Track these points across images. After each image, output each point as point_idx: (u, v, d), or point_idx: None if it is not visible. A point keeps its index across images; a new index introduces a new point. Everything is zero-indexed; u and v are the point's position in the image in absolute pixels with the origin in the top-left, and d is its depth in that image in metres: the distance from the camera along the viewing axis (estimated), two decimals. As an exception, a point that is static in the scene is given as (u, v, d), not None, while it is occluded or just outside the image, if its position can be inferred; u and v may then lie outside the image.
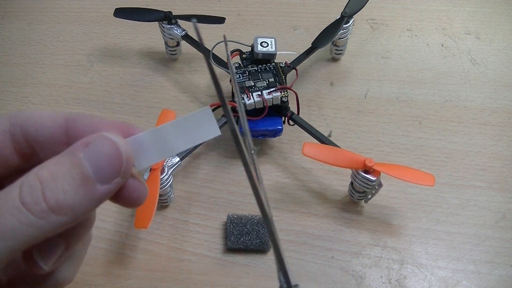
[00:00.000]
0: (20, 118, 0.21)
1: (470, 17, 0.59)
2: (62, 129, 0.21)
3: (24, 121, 0.21)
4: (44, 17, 0.61)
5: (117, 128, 0.21)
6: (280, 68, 0.46)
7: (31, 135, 0.21)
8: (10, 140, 0.21)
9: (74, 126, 0.20)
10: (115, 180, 0.19)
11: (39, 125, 0.21)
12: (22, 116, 0.21)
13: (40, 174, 0.18)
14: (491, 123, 0.49)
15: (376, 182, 0.39)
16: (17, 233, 0.17)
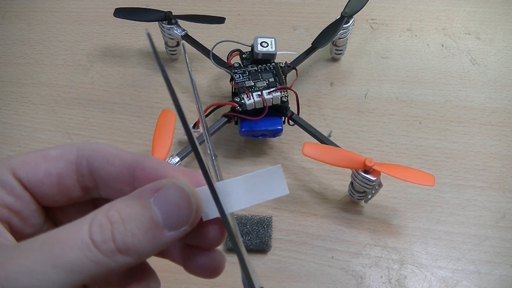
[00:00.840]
0: (88, 151, 0.21)
1: (470, 17, 0.59)
2: (129, 170, 0.21)
3: (91, 155, 0.21)
4: (44, 17, 0.61)
5: (184, 175, 0.21)
6: (280, 68, 0.46)
7: (97, 170, 0.21)
8: (75, 171, 0.21)
9: (141, 169, 0.21)
10: (183, 228, 0.20)
11: (106, 162, 0.21)
12: (89, 149, 0.21)
13: (110, 214, 0.19)
14: (491, 123, 0.49)
15: (376, 182, 0.39)
16: (83, 268, 0.18)
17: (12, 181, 0.20)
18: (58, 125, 0.50)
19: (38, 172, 0.21)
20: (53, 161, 0.21)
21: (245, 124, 0.44)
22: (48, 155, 0.21)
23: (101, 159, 0.21)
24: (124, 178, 0.21)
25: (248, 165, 0.46)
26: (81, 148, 0.21)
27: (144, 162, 0.21)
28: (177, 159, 0.41)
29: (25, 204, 0.21)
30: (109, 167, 0.21)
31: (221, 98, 0.52)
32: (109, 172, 0.21)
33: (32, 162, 0.21)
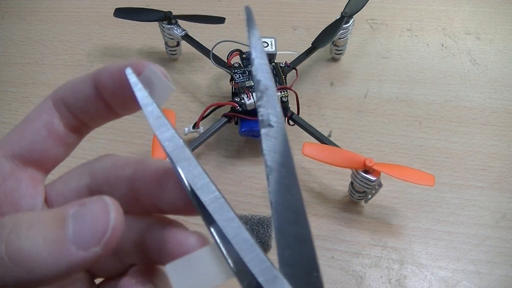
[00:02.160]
0: (59, 93, 0.21)
1: (470, 17, 0.59)
2: (93, 88, 0.21)
3: (63, 94, 0.21)
4: (44, 17, 0.61)
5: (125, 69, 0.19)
6: (280, 68, 0.46)
7: (72, 104, 0.21)
8: (58, 117, 0.21)
9: (99, 80, 0.20)
10: (93, 249, 0.16)
11: (75, 92, 0.21)
12: (59, 90, 0.21)
13: (19, 215, 0.16)
14: (491, 123, 0.49)
15: (376, 182, 0.39)
16: None
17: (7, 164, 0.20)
18: (58, 125, 0.50)
19: (27, 134, 0.20)
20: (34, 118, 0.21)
21: (245, 124, 0.44)
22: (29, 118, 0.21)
23: (71, 93, 0.21)
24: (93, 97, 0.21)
25: (248, 165, 0.46)
26: (53, 95, 0.21)
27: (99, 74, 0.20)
28: (177, 159, 0.41)
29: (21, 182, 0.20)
30: (78, 94, 0.21)
31: (221, 98, 0.52)
32: (81, 99, 0.21)
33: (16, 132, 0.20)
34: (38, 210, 0.19)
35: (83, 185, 0.21)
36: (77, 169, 0.22)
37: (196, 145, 0.43)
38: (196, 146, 0.43)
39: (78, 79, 0.21)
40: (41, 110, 0.21)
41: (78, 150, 0.51)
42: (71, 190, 0.21)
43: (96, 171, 0.21)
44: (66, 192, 0.21)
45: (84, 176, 0.21)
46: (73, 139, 0.22)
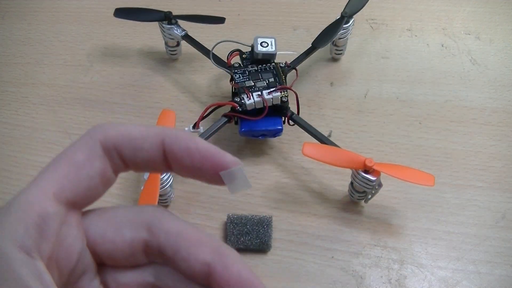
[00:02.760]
0: (112, 140, 0.20)
1: (470, 17, 0.59)
2: (159, 152, 0.20)
3: (117, 144, 0.20)
4: (44, 17, 0.61)
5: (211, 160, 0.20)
6: (280, 68, 0.46)
7: (128, 157, 0.21)
8: (109, 163, 0.21)
9: (171, 151, 0.20)
10: None
11: (134, 148, 0.20)
12: (112, 137, 0.20)
13: None
14: (491, 123, 0.49)
15: (376, 182, 0.39)
16: None
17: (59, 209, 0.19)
18: (58, 125, 0.50)
19: (81, 182, 0.20)
20: (88, 165, 0.20)
21: (245, 124, 0.44)
22: (79, 162, 0.20)
23: (129, 147, 0.20)
24: (156, 159, 0.20)
25: (248, 165, 0.46)
26: (104, 141, 0.20)
27: (173, 144, 0.20)
28: (177, 159, 0.41)
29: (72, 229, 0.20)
30: (139, 152, 0.20)
31: (221, 98, 0.52)
32: (141, 157, 0.20)
33: (71, 176, 0.20)
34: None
35: (140, 240, 0.20)
36: (129, 214, 0.21)
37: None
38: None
39: (142, 135, 0.20)
40: (91, 156, 0.20)
41: (78, 150, 0.50)
42: (125, 241, 0.20)
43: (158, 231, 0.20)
44: (118, 241, 0.20)
45: (141, 229, 0.20)
46: (115, 180, 0.22)
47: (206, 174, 0.20)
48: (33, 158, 0.48)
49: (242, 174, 0.20)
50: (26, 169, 0.47)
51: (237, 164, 0.20)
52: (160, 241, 0.20)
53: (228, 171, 0.20)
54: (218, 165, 0.20)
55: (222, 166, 0.20)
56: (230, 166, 0.20)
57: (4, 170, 0.47)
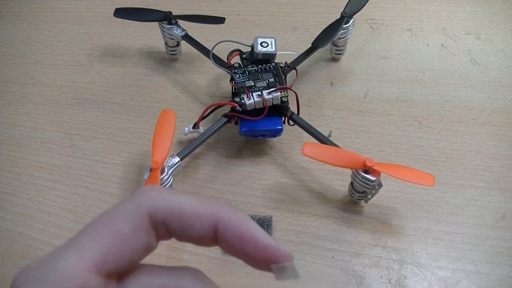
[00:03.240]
0: (161, 214, 0.20)
1: (470, 17, 0.59)
2: (211, 232, 0.20)
3: (167, 219, 0.20)
4: (44, 17, 0.61)
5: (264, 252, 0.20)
6: (280, 68, 0.46)
7: (177, 232, 0.20)
8: (154, 235, 0.20)
9: (223, 235, 0.20)
10: None
11: (185, 226, 0.20)
12: (162, 211, 0.20)
13: None
14: (491, 123, 0.49)
15: (376, 182, 0.39)
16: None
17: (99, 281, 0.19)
18: (58, 125, 0.50)
19: (125, 255, 0.19)
20: (134, 238, 0.19)
21: (245, 124, 0.44)
22: (125, 235, 0.19)
23: (179, 224, 0.20)
24: (206, 238, 0.20)
25: (248, 165, 0.46)
26: (153, 214, 0.20)
27: (226, 229, 0.20)
28: (177, 159, 0.41)
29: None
30: (190, 230, 0.20)
31: (221, 98, 0.52)
32: (190, 234, 0.20)
33: (115, 249, 0.19)
34: None
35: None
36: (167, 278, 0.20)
37: (196, 145, 0.43)
38: (196, 146, 0.43)
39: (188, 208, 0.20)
40: (137, 227, 0.19)
41: (78, 150, 0.51)
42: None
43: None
44: None
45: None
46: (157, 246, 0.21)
47: (255, 262, 0.20)
48: (33, 158, 0.48)
49: (293, 268, 0.20)
50: (26, 169, 0.47)
51: (290, 259, 0.20)
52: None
53: (280, 266, 0.20)
54: (271, 258, 0.19)
55: (274, 260, 0.19)
56: (282, 261, 0.19)
57: (4, 170, 0.47)
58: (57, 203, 0.45)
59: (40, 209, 0.44)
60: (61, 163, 0.47)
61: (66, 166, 0.47)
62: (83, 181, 0.46)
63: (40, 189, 0.46)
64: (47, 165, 0.47)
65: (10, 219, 0.44)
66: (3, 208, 0.44)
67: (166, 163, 0.40)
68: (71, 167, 0.47)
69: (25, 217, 0.44)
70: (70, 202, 0.45)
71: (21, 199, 0.45)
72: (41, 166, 0.47)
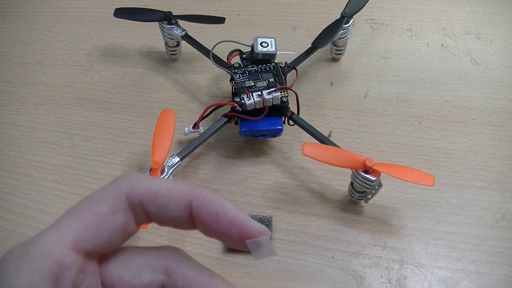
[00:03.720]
0: (138, 195, 0.21)
1: (470, 17, 0.59)
2: (186, 212, 0.20)
3: (143, 201, 0.21)
4: (44, 17, 0.61)
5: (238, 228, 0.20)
6: (280, 68, 0.46)
7: (153, 213, 0.21)
8: (132, 216, 0.21)
9: (198, 214, 0.20)
10: None
11: (161, 207, 0.20)
12: (139, 192, 0.21)
13: None
14: (491, 123, 0.49)
15: (376, 182, 0.39)
16: None
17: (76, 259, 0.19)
18: (58, 125, 0.50)
19: (102, 234, 0.20)
20: (111, 217, 0.20)
21: (245, 124, 0.44)
22: (102, 214, 0.20)
23: (155, 204, 0.20)
24: (182, 218, 0.21)
25: (248, 165, 0.46)
26: (130, 195, 0.21)
27: (200, 207, 0.20)
28: (177, 159, 0.41)
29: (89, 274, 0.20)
30: (165, 211, 0.20)
31: (221, 98, 0.52)
32: (167, 215, 0.21)
33: (92, 228, 0.20)
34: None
35: (157, 282, 0.21)
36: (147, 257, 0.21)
37: (196, 145, 0.43)
38: (196, 146, 0.43)
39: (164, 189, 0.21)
40: (115, 208, 0.20)
41: (78, 150, 0.51)
42: (143, 284, 0.21)
43: (176, 275, 0.21)
44: (136, 284, 0.21)
45: (159, 271, 0.21)
46: (136, 231, 0.22)
47: (231, 240, 0.20)
48: (33, 158, 0.48)
49: (268, 243, 0.20)
50: (26, 169, 0.47)
51: (264, 234, 0.20)
52: (177, 285, 0.20)
53: (255, 241, 0.20)
54: (245, 234, 0.20)
55: (249, 235, 0.20)
56: (257, 236, 0.20)
57: (4, 170, 0.47)
58: (57, 203, 0.45)
59: (40, 209, 0.44)
60: (61, 163, 0.47)
61: (66, 166, 0.47)
62: (83, 181, 0.46)
63: (40, 189, 0.46)
64: (47, 165, 0.47)
65: (10, 219, 0.44)
66: (3, 208, 0.44)
67: (166, 163, 0.40)
68: (71, 167, 0.47)
69: (25, 217, 0.44)
70: (70, 202, 0.45)
71: (21, 199, 0.45)
72: (41, 166, 0.47)
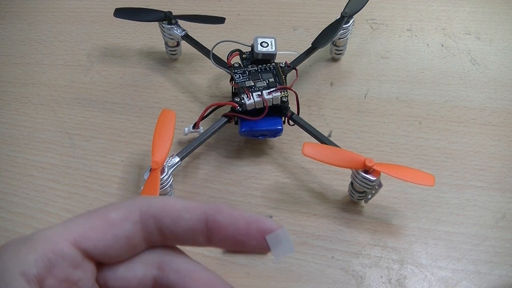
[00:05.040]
0: (153, 209, 0.21)
1: (470, 17, 0.59)
2: (201, 222, 0.21)
3: (157, 214, 0.21)
4: (44, 17, 0.61)
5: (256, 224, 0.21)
6: (280, 68, 0.46)
7: (167, 227, 0.21)
8: (142, 230, 0.21)
9: (214, 220, 0.21)
10: None
11: (175, 218, 0.21)
12: (154, 206, 0.21)
13: None
14: (491, 123, 0.49)
15: (376, 182, 0.39)
16: None
17: (74, 253, 0.20)
18: (58, 125, 0.50)
19: (106, 238, 0.20)
20: (119, 225, 0.20)
21: (245, 124, 0.44)
22: (112, 219, 0.20)
23: (170, 216, 0.21)
24: (197, 230, 0.21)
25: (248, 165, 0.46)
26: (145, 207, 0.21)
27: (216, 214, 0.21)
28: (177, 159, 0.41)
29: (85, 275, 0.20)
30: (180, 222, 0.21)
31: (221, 98, 0.52)
32: (182, 227, 0.21)
33: (98, 229, 0.20)
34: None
35: (150, 276, 0.21)
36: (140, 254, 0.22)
37: (196, 145, 0.43)
38: (196, 146, 0.43)
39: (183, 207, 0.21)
40: (126, 217, 0.21)
41: (78, 150, 0.51)
42: (136, 278, 0.21)
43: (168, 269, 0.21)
44: (129, 277, 0.21)
45: (152, 266, 0.21)
46: (143, 248, 0.22)
47: (251, 240, 0.21)
48: (33, 158, 0.48)
49: (287, 236, 0.21)
50: (26, 169, 0.47)
51: (281, 227, 0.21)
52: (169, 279, 0.21)
53: (274, 234, 0.21)
54: (263, 228, 0.20)
55: (267, 229, 0.21)
56: (275, 229, 0.21)
57: (4, 170, 0.47)
58: (57, 203, 0.45)
59: (40, 209, 0.44)
60: (61, 163, 0.47)
61: (66, 166, 0.47)
62: (83, 181, 0.46)
63: (40, 189, 0.46)
64: (47, 165, 0.47)
65: (10, 219, 0.44)
66: (3, 208, 0.44)
67: (166, 163, 0.40)
68: (71, 167, 0.47)
69: (25, 217, 0.44)
70: (70, 202, 0.45)
71: (21, 199, 0.45)
72: (41, 166, 0.47)
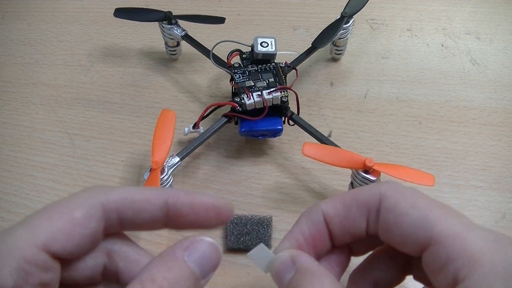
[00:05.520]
0: (113, 204, 0.21)
1: (470, 17, 0.59)
2: (162, 212, 0.21)
3: (119, 208, 0.21)
4: (44, 17, 0.61)
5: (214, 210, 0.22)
6: (280, 68, 0.46)
7: (129, 219, 0.22)
8: (105, 225, 0.22)
9: (175, 209, 0.21)
10: (212, 273, 0.21)
11: (137, 210, 0.21)
12: (114, 200, 0.21)
13: (159, 283, 0.20)
14: (491, 123, 0.49)
15: (376, 182, 0.39)
16: None
17: (45, 258, 0.20)
18: (58, 125, 0.50)
19: (73, 238, 0.21)
20: (85, 223, 0.21)
21: (245, 124, 0.44)
22: (76, 219, 0.21)
23: (131, 207, 0.21)
24: (157, 219, 0.22)
25: (248, 165, 0.46)
26: (106, 203, 0.21)
27: (176, 203, 0.21)
28: (177, 159, 0.41)
29: (54, 274, 0.21)
30: (141, 213, 0.21)
31: (221, 98, 0.52)
32: (143, 218, 0.21)
33: (65, 231, 0.21)
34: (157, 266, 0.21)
35: (100, 264, 0.22)
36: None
37: (196, 145, 0.43)
38: (196, 146, 0.43)
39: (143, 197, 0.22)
40: (90, 215, 0.21)
41: (78, 150, 0.51)
42: (88, 267, 0.22)
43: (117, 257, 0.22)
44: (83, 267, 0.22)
45: (102, 255, 0.22)
46: (102, 240, 0.23)
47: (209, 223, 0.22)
48: (33, 158, 0.48)
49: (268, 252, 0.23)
50: (26, 169, 0.47)
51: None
52: (118, 266, 0.22)
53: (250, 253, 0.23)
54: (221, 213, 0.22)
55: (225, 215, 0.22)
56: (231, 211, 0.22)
57: (4, 170, 0.47)
58: (57, 203, 0.45)
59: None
60: (61, 163, 0.47)
61: (66, 166, 0.47)
62: (83, 181, 0.46)
63: (40, 189, 0.46)
64: (47, 165, 0.47)
65: (10, 219, 0.44)
66: (3, 208, 0.44)
67: (166, 163, 0.40)
68: (71, 167, 0.47)
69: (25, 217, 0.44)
70: (70, 202, 0.45)
71: (21, 199, 0.45)
72: (41, 166, 0.47)
